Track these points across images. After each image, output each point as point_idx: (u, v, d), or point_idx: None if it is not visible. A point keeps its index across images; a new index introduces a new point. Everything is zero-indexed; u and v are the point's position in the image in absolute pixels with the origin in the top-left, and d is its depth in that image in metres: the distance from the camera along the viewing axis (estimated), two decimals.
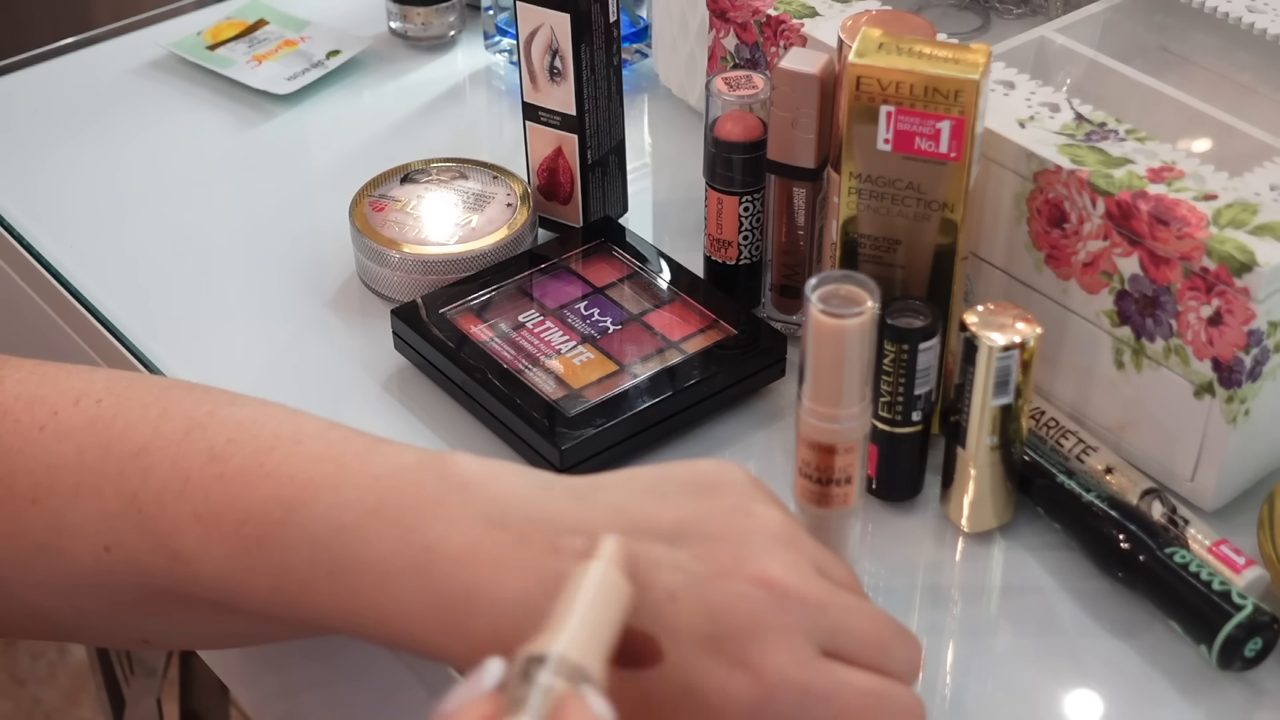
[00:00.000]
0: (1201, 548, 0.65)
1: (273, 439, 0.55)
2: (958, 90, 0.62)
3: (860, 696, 0.51)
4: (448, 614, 0.51)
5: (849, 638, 0.52)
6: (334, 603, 0.53)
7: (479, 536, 0.51)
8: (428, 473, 0.54)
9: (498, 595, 0.51)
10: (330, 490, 0.53)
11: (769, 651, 0.50)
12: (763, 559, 0.51)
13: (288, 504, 0.54)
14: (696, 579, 0.51)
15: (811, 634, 0.51)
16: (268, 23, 1.02)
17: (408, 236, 0.79)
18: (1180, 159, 0.67)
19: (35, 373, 0.59)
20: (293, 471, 0.54)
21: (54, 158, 0.92)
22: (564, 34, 0.78)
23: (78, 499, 0.56)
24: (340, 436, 0.56)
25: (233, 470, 0.55)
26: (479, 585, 0.51)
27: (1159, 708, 0.62)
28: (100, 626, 0.60)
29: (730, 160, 0.75)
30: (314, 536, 0.53)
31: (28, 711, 1.64)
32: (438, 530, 0.52)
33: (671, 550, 0.51)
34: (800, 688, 0.50)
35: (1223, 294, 0.63)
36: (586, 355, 0.74)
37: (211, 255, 0.86)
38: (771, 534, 0.53)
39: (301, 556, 0.53)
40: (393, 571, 0.52)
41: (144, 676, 1.14)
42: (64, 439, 0.57)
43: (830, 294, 0.58)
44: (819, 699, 0.50)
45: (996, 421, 0.64)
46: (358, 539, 0.52)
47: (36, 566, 0.57)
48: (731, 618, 0.50)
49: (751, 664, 0.50)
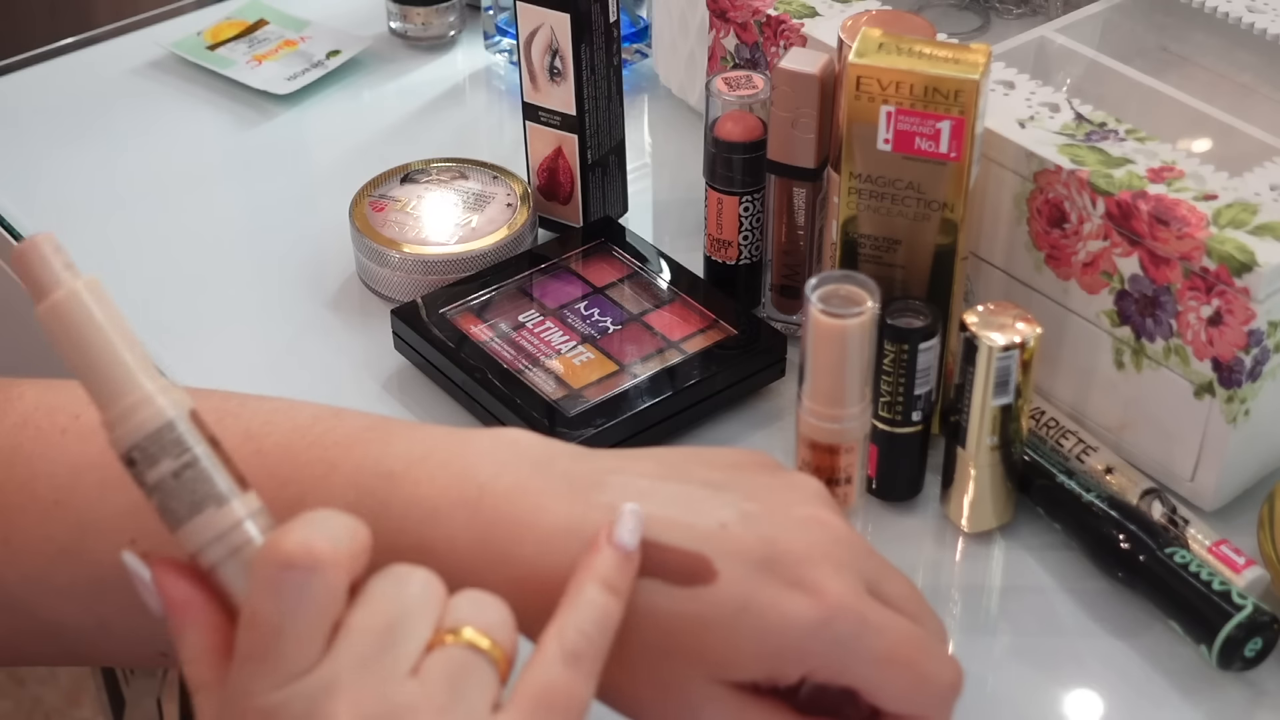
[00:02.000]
0: (1201, 548, 0.65)
1: (311, 418, 0.55)
2: (958, 90, 0.62)
3: (911, 636, 0.51)
4: (495, 544, 0.51)
5: (892, 586, 0.52)
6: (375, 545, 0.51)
7: (528, 475, 0.52)
8: (477, 433, 0.54)
9: (544, 520, 0.51)
10: (380, 445, 0.53)
11: (828, 576, 0.50)
12: (810, 504, 0.52)
13: (332, 462, 0.53)
14: (748, 514, 0.51)
15: (862, 572, 0.51)
16: (268, 23, 1.02)
17: (408, 236, 0.80)
18: (1180, 159, 0.67)
19: (55, 384, 0.59)
20: (338, 438, 0.54)
21: (54, 158, 0.92)
22: (564, 34, 0.78)
23: (103, 495, 0.55)
24: (381, 416, 0.56)
25: (271, 445, 0.54)
26: (526, 515, 0.51)
27: (1159, 708, 0.62)
28: (120, 639, 0.59)
29: (730, 160, 0.75)
30: (360, 484, 0.52)
31: (28, 711, 1.64)
32: (488, 471, 0.52)
33: (718, 492, 0.52)
34: (858, 615, 0.50)
35: (1223, 294, 0.63)
36: (586, 355, 0.74)
37: (211, 255, 0.86)
38: (814, 490, 0.54)
39: (346, 503, 0.52)
40: (443, 507, 0.52)
41: (144, 676, 1.14)
42: (87, 440, 0.56)
43: (830, 294, 0.58)
44: (875, 629, 0.50)
45: (996, 421, 0.64)
46: (408, 481, 0.52)
47: (59, 573, 0.56)
48: (787, 544, 0.50)
49: (811, 586, 0.50)
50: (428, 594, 0.46)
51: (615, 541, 0.49)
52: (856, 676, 0.50)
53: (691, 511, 0.51)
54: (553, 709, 0.45)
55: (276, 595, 0.44)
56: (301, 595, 0.44)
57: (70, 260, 0.45)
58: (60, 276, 0.45)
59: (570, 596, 0.48)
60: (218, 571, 0.46)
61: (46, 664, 0.66)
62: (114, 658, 0.62)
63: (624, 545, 0.49)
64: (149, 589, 0.47)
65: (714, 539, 0.50)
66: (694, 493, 0.52)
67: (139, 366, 0.45)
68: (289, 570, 0.44)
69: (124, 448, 0.45)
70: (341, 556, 0.44)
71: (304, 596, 0.44)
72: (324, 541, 0.44)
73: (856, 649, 0.50)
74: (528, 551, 0.51)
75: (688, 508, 0.51)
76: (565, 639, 0.47)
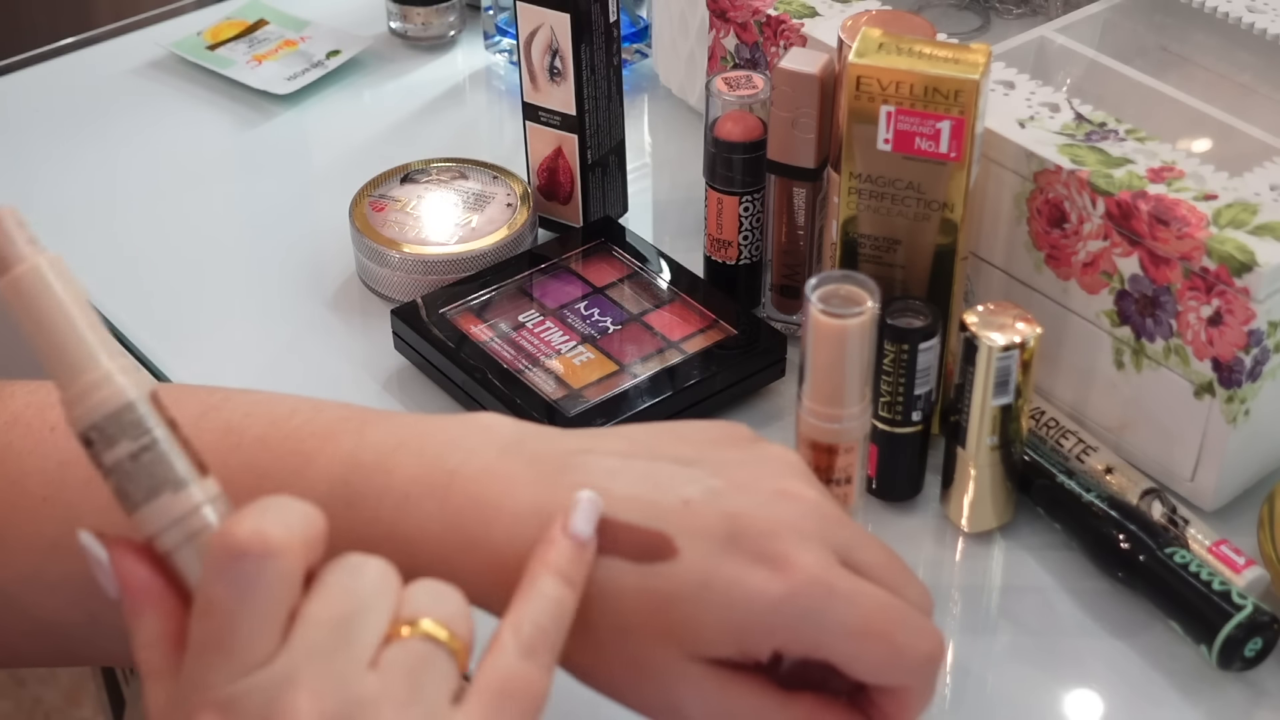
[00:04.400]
0: (1201, 548, 0.65)
1: (290, 411, 0.55)
2: (958, 90, 0.62)
3: (884, 606, 0.50)
4: (465, 529, 0.51)
5: (866, 554, 0.51)
6: (347, 535, 0.52)
7: (494, 459, 0.52)
8: (449, 419, 0.54)
9: (513, 506, 0.51)
10: (354, 436, 0.54)
11: (793, 549, 0.49)
12: (781, 478, 0.52)
13: (308, 455, 0.53)
14: (713, 491, 0.51)
15: (831, 542, 0.50)
16: (268, 23, 1.02)
17: (408, 236, 0.80)
18: (1180, 159, 0.67)
19: (45, 383, 0.59)
20: (314, 430, 0.54)
21: (54, 158, 0.92)
22: (564, 34, 0.78)
23: (91, 489, 0.55)
24: (360, 406, 0.56)
25: (251, 439, 0.54)
26: (495, 499, 0.51)
27: (1159, 708, 0.62)
28: (112, 634, 0.59)
29: (730, 160, 0.75)
30: (333, 475, 0.53)
31: (28, 711, 1.64)
32: (458, 457, 0.52)
33: (687, 468, 0.52)
34: (826, 586, 0.49)
35: (1223, 294, 0.63)
36: (586, 355, 0.74)
37: (211, 255, 0.86)
38: (789, 463, 0.53)
39: (319, 494, 0.52)
40: (413, 495, 0.52)
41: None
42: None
43: (830, 294, 0.58)
44: (844, 599, 0.49)
45: (996, 421, 0.64)
46: (379, 471, 0.52)
47: (50, 569, 0.57)
48: (750, 521, 0.50)
49: (776, 559, 0.49)
50: (383, 584, 0.46)
51: (570, 531, 0.49)
52: (828, 649, 0.49)
53: (656, 489, 0.51)
54: (512, 699, 0.45)
55: (230, 582, 0.43)
56: (255, 582, 0.43)
57: (34, 236, 0.45)
58: (23, 251, 0.44)
59: (525, 588, 0.48)
60: (174, 557, 0.45)
61: (40, 664, 0.66)
62: (108, 655, 0.62)
63: (579, 535, 0.49)
64: (105, 571, 0.46)
65: (676, 515, 0.50)
66: (661, 470, 0.52)
67: (100, 345, 0.45)
68: (242, 557, 0.43)
69: (82, 427, 0.45)
70: (295, 543, 0.44)
71: (258, 584, 0.43)
72: (278, 527, 0.44)
73: (824, 622, 0.49)
74: (497, 536, 0.51)
75: (653, 485, 0.51)
76: (521, 633, 0.47)
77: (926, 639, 0.51)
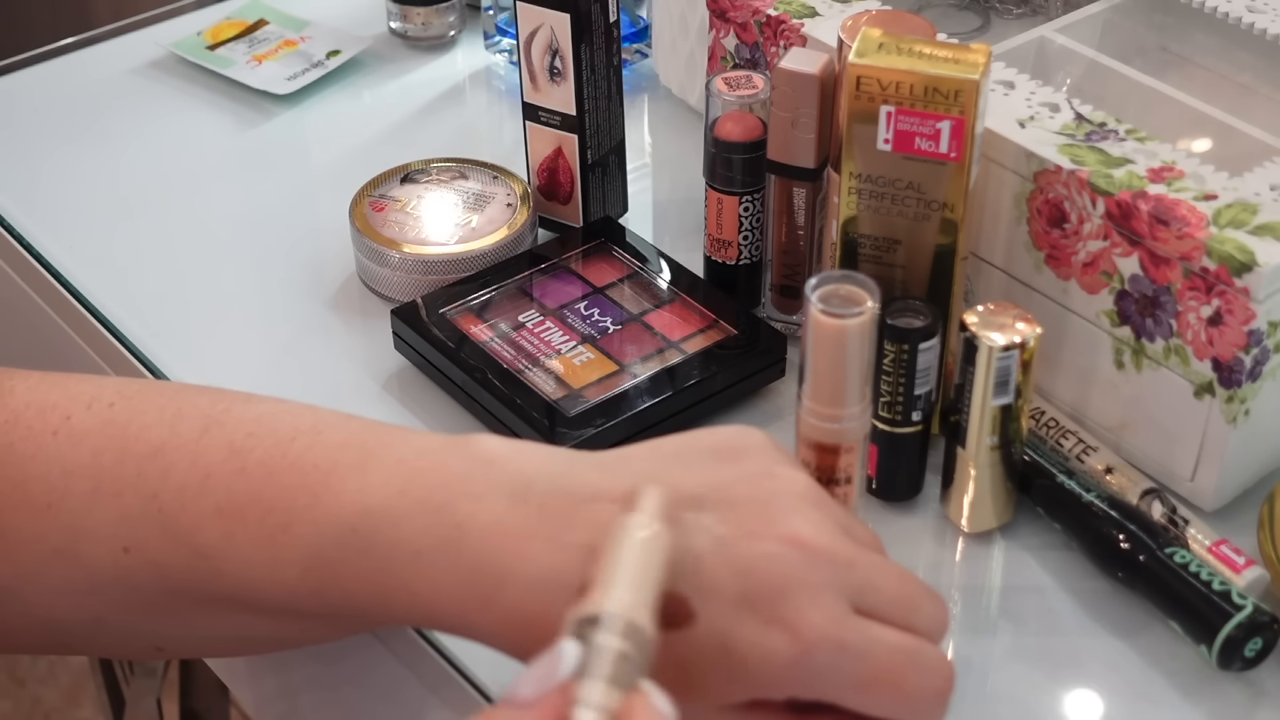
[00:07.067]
0: (1201, 548, 0.65)
1: (293, 431, 0.55)
2: (958, 90, 0.62)
3: (893, 653, 0.51)
4: (477, 589, 0.51)
5: (878, 595, 0.52)
6: (364, 585, 0.53)
7: (504, 512, 0.52)
8: (452, 453, 0.54)
9: (525, 569, 0.51)
10: (356, 474, 0.54)
11: (803, 608, 0.50)
12: (790, 519, 0.52)
13: (313, 490, 0.54)
14: (723, 542, 0.51)
15: (843, 591, 0.51)
16: (268, 23, 1.02)
17: (408, 236, 0.80)
18: (1180, 159, 0.67)
19: (46, 380, 0.59)
20: (316, 460, 0.54)
21: (54, 158, 0.92)
22: (564, 34, 0.78)
23: (95, 502, 0.56)
24: (361, 425, 0.56)
25: (254, 463, 0.55)
26: (506, 560, 0.51)
27: (1159, 708, 0.62)
28: (115, 633, 0.60)
29: (730, 160, 0.75)
30: (342, 520, 0.53)
31: (28, 711, 1.64)
32: (465, 509, 0.52)
33: (697, 515, 0.52)
34: (836, 643, 0.50)
35: (1223, 294, 0.63)
36: (586, 355, 0.74)
37: (211, 255, 0.86)
38: (797, 495, 0.53)
39: (330, 539, 0.53)
40: (423, 549, 0.52)
41: (144, 676, 1.14)
42: (78, 443, 0.56)
43: (830, 294, 0.58)
44: (854, 655, 0.50)
45: (996, 421, 0.64)
46: (386, 520, 0.52)
47: (53, 572, 0.57)
48: (762, 577, 0.50)
49: (787, 621, 0.50)
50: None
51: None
52: (840, 699, 0.51)
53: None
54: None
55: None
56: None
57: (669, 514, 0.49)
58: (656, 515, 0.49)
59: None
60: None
61: (42, 653, 0.66)
62: (110, 650, 0.63)
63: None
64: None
65: (692, 578, 0.50)
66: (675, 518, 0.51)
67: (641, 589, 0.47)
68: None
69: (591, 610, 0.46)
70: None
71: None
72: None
73: (836, 677, 0.50)
74: (510, 598, 0.51)
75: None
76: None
77: (936, 677, 0.52)
